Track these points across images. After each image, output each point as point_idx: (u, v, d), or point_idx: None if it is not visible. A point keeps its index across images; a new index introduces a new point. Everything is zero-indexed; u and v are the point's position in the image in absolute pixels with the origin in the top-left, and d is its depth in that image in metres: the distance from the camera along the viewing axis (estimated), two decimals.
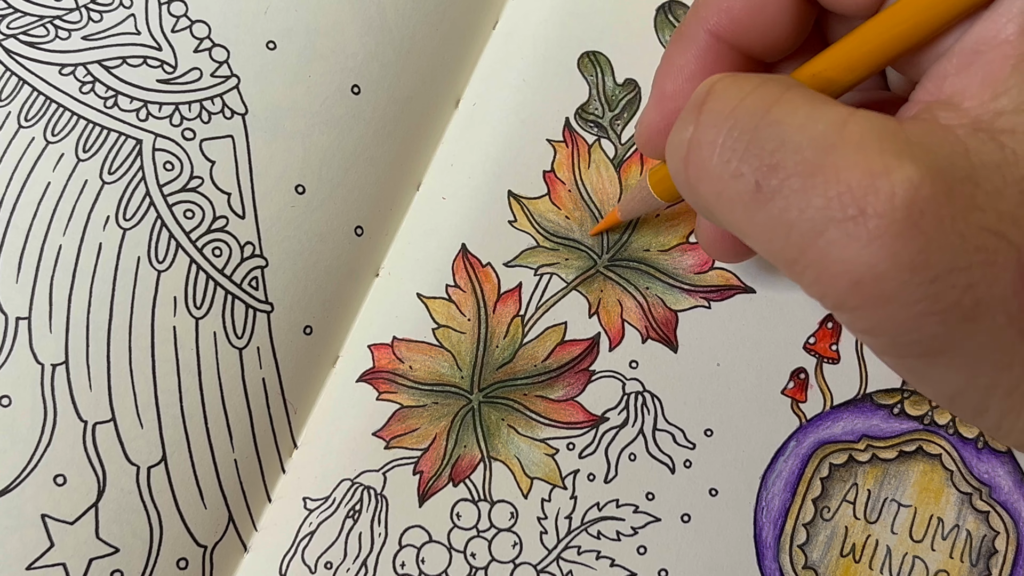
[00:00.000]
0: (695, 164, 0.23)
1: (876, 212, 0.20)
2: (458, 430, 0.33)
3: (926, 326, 0.20)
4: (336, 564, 0.33)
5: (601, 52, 0.35)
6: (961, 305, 0.20)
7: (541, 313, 0.34)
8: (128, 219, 0.32)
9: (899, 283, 0.20)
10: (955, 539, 0.33)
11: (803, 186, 0.20)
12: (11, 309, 0.31)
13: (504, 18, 0.36)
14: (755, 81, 0.23)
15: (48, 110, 0.32)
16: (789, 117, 0.21)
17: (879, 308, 0.20)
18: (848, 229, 0.20)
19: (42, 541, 0.30)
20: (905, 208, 0.19)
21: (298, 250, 0.33)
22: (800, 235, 0.21)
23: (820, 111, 0.21)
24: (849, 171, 0.20)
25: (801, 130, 0.21)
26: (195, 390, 0.32)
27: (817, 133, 0.21)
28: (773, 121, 0.21)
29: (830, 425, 0.34)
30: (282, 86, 0.33)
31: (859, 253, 0.20)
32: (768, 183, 0.21)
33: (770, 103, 0.22)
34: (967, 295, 0.20)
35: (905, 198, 0.19)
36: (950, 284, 0.20)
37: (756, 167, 0.21)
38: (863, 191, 0.20)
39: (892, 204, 0.19)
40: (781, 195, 0.21)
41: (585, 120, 0.35)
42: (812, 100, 0.22)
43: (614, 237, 0.34)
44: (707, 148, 0.22)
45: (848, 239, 0.20)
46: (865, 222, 0.20)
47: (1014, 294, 0.20)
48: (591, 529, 0.33)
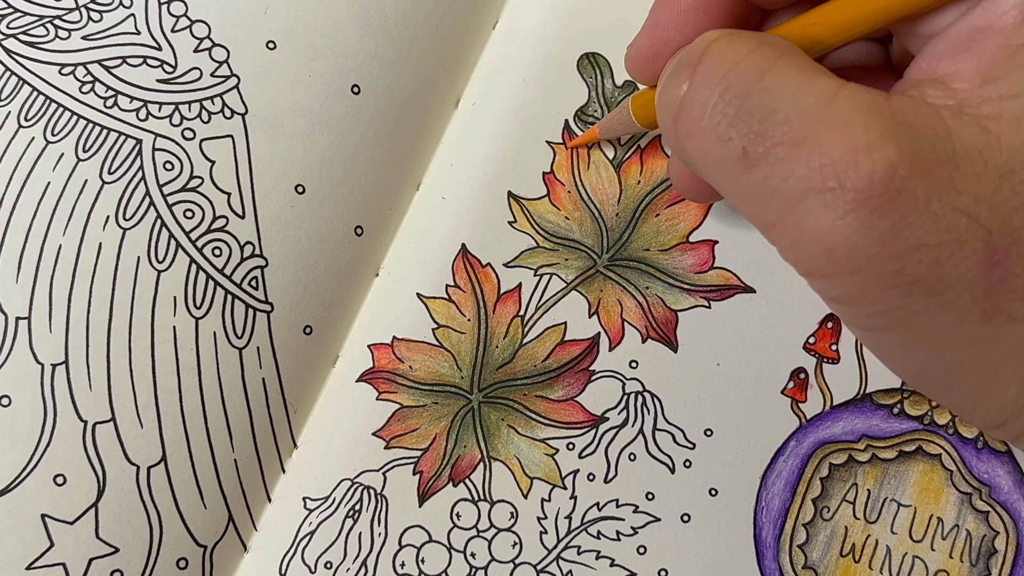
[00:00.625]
0: (685, 122, 0.23)
1: (854, 186, 0.20)
2: (458, 430, 0.33)
3: (892, 297, 0.21)
4: (336, 564, 0.33)
5: (600, 54, 0.35)
6: (926, 280, 0.21)
7: (541, 313, 0.34)
8: (128, 219, 0.32)
9: (869, 255, 0.21)
10: (955, 539, 0.33)
11: (787, 155, 0.21)
12: (11, 309, 0.31)
13: (504, 18, 0.36)
14: (751, 44, 0.23)
15: (48, 110, 0.32)
16: (781, 86, 0.22)
17: (849, 277, 0.21)
18: (826, 200, 0.21)
19: (42, 541, 0.30)
20: (882, 185, 0.20)
21: (298, 250, 0.33)
22: (780, 201, 0.22)
23: (811, 82, 0.22)
24: (833, 144, 0.21)
25: (791, 100, 0.22)
26: (195, 390, 0.32)
27: (806, 105, 0.21)
28: (765, 88, 0.22)
29: (830, 425, 0.34)
30: (282, 86, 0.33)
31: (834, 224, 0.21)
32: (754, 149, 0.22)
33: (763, 69, 0.22)
34: (933, 271, 0.21)
35: (883, 175, 0.20)
36: (917, 259, 0.21)
37: (744, 133, 0.22)
38: (844, 165, 0.21)
39: (870, 180, 0.20)
40: (766, 162, 0.22)
41: (584, 122, 0.35)
42: (804, 70, 0.22)
43: (614, 237, 0.34)
44: (698, 108, 0.23)
45: (825, 209, 0.21)
46: (843, 195, 0.21)
47: (980, 275, 0.21)
48: (591, 529, 0.33)
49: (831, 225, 0.21)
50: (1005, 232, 0.21)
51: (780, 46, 0.23)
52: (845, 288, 0.22)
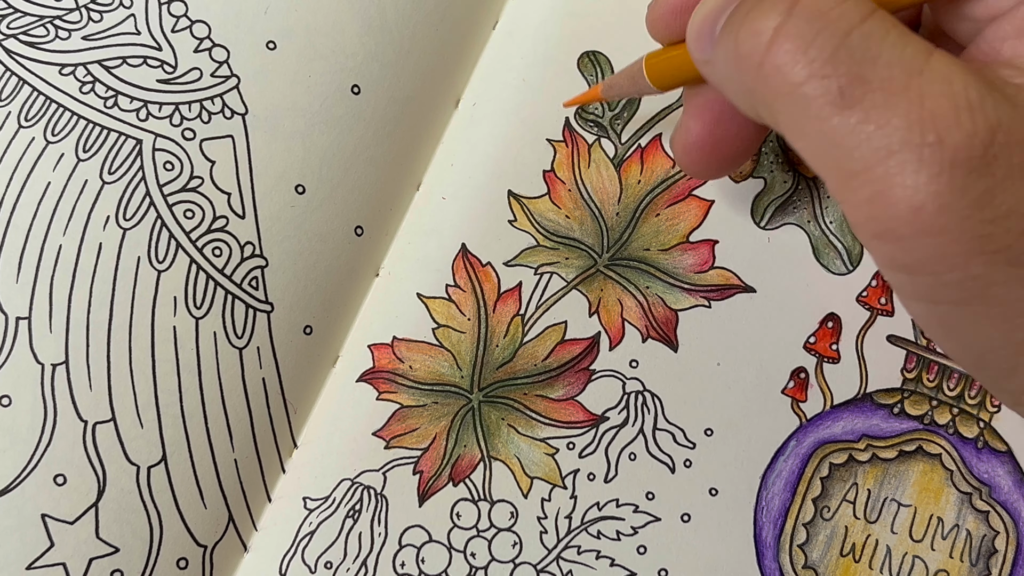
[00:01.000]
0: (778, 54, 0.22)
1: (954, 144, 0.20)
2: (458, 430, 0.33)
3: (973, 265, 0.21)
4: (336, 564, 0.33)
5: (601, 52, 0.35)
6: (1012, 249, 0.20)
7: (541, 312, 0.34)
8: (128, 219, 0.32)
9: (959, 217, 0.20)
10: (955, 539, 0.33)
11: (887, 103, 0.21)
12: (11, 309, 0.31)
13: (504, 18, 0.36)
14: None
15: (48, 110, 0.32)
16: (881, 32, 0.21)
17: (931, 239, 0.21)
18: (923, 154, 0.20)
19: (42, 541, 0.30)
20: (982, 147, 0.20)
21: (298, 250, 0.33)
22: (871, 150, 0.21)
23: (908, 37, 0.21)
24: (935, 99, 0.20)
25: (892, 48, 0.21)
26: (195, 390, 0.32)
27: (907, 55, 0.21)
28: (866, 33, 0.21)
29: (830, 425, 0.34)
30: (282, 86, 0.33)
31: (929, 180, 0.20)
32: (852, 91, 0.21)
33: (864, 15, 0.22)
34: (1020, 240, 0.20)
35: (984, 138, 0.20)
36: (1006, 227, 0.20)
37: (843, 72, 0.21)
38: (946, 122, 0.20)
39: (971, 140, 0.20)
40: (862, 107, 0.21)
41: (585, 120, 0.35)
42: (899, 26, 0.22)
43: (614, 236, 0.34)
44: (797, 41, 0.22)
45: (920, 163, 0.20)
46: (941, 151, 0.20)
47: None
48: (591, 529, 0.33)
49: (925, 181, 0.20)
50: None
51: (869, 3, 0.22)
52: (923, 252, 0.21)
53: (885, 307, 0.34)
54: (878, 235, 0.22)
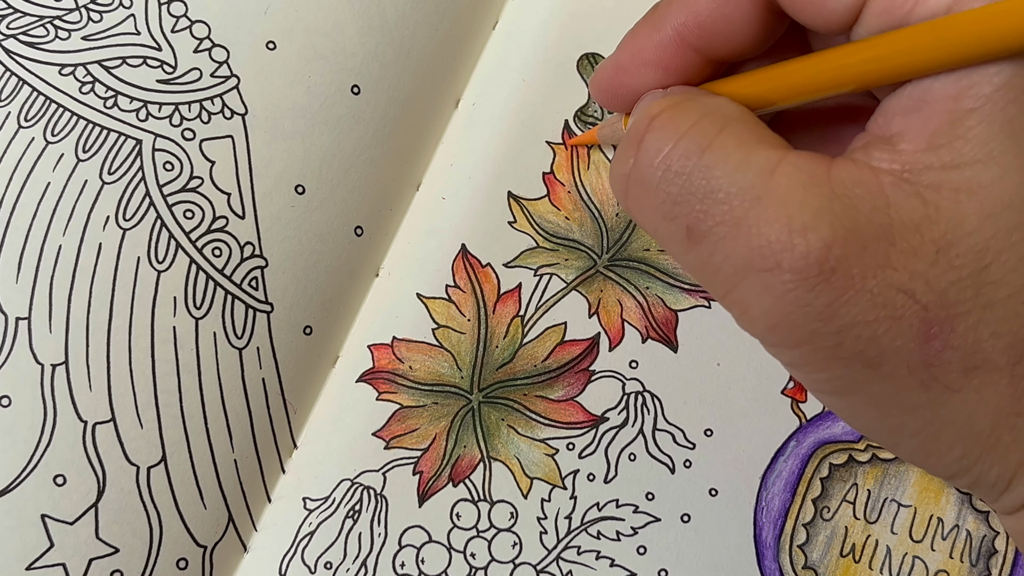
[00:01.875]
0: (634, 199, 0.24)
1: (790, 267, 0.21)
2: (458, 430, 0.33)
3: (834, 367, 0.22)
4: (336, 564, 0.33)
5: (600, 54, 0.35)
6: (865, 354, 0.22)
7: (541, 313, 0.34)
8: (128, 219, 0.32)
9: (808, 331, 0.22)
10: (955, 539, 0.33)
11: (728, 234, 0.22)
12: (11, 309, 0.31)
13: (504, 18, 0.36)
14: (692, 116, 0.23)
15: (48, 110, 0.32)
16: (721, 163, 0.22)
17: (793, 348, 0.22)
18: (765, 279, 0.21)
19: (42, 541, 0.30)
20: (817, 265, 0.21)
21: (298, 250, 0.33)
22: (724, 278, 0.22)
23: (751, 157, 0.22)
24: (769, 225, 0.21)
25: (730, 179, 0.22)
26: (195, 390, 0.32)
27: (745, 183, 0.22)
28: (705, 166, 0.22)
29: (830, 425, 0.34)
30: (282, 86, 0.33)
31: (775, 302, 0.22)
32: (698, 228, 0.22)
33: (703, 146, 0.23)
34: (870, 345, 0.21)
35: (818, 256, 0.21)
36: (855, 335, 0.21)
37: (687, 212, 0.23)
38: (780, 246, 0.21)
39: (806, 261, 0.21)
40: (709, 240, 0.22)
41: (584, 122, 0.35)
42: (745, 143, 0.22)
43: (614, 237, 0.34)
44: (644, 187, 0.24)
45: (765, 288, 0.22)
46: (780, 275, 0.21)
47: (916, 348, 0.21)
48: (591, 529, 0.33)
49: (772, 303, 0.22)
50: (940, 307, 0.21)
51: (724, 115, 0.23)
52: (791, 358, 0.23)
53: None
54: (763, 343, 0.23)
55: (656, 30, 0.26)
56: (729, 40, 0.25)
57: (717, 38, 0.25)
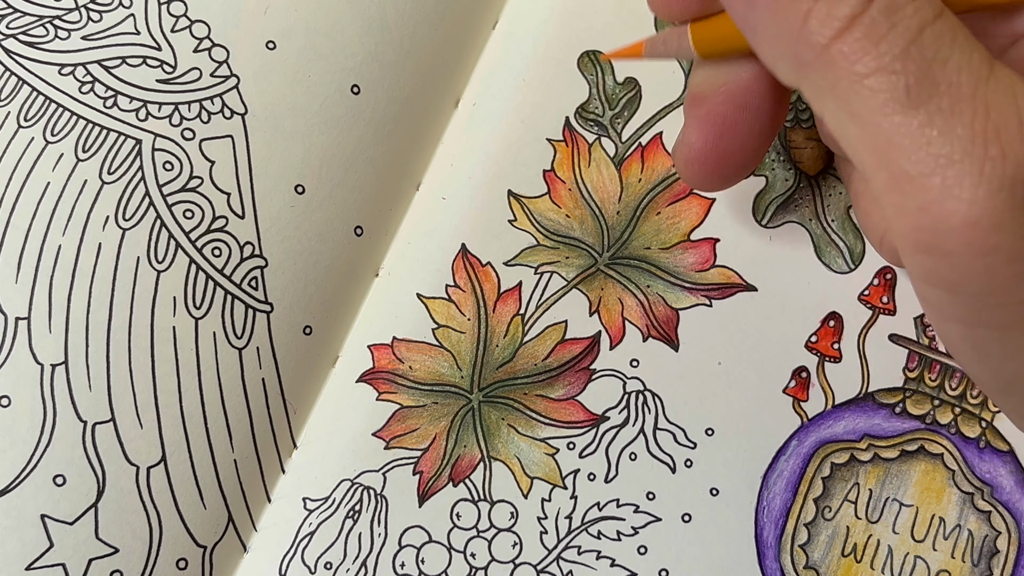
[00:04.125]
0: (849, 41, 0.21)
1: (1018, 160, 0.19)
2: (458, 430, 0.33)
3: (1021, 289, 0.20)
4: (336, 564, 0.32)
5: (601, 52, 0.35)
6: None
7: (541, 312, 0.34)
8: (128, 219, 0.32)
9: (1014, 236, 0.19)
10: (957, 539, 0.33)
11: (952, 108, 0.20)
12: (11, 309, 0.31)
13: (504, 18, 0.36)
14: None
15: (48, 110, 0.32)
16: (951, 34, 0.20)
17: (980, 257, 0.20)
18: (984, 168, 0.19)
19: (42, 541, 0.30)
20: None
21: (298, 250, 0.33)
22: (930, 156, 0.20)
23: (975, 42, 0.21)
24: (1000, 111, 0.20)
25: (961, 52, 0.20)
26: (195, 390, 0.32)
27: (975, 61, 0.20)
28: (938, 33, 0.20)
29: (832, 424, 0.34)
30: (282, 86, 0.33)
31: (988, 194, 0.19)
32: (919, 91, 0.20)
33: (936, 14, 0.21)
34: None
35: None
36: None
37: (913, 71, 0.20)
38: (1010, 135, 0.19)
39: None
40: (927, 109, 0.20)
41: (585, 119, 0.35)
42: (964, 30, 0.21)
43: (615, 235, 0.34)
44: (872, 34, 0.21)
45: (981, 177, 0.19)
46: (1004, 166, 0.19)
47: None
48: (591, 529, 0.33)
49: (983, 195, 0.19)
50: None
51: (939, 5, 0.21)
52: (969, 271, 0.20)
53: (887, 306, 0.34)
54: (923, 247, 0.21)
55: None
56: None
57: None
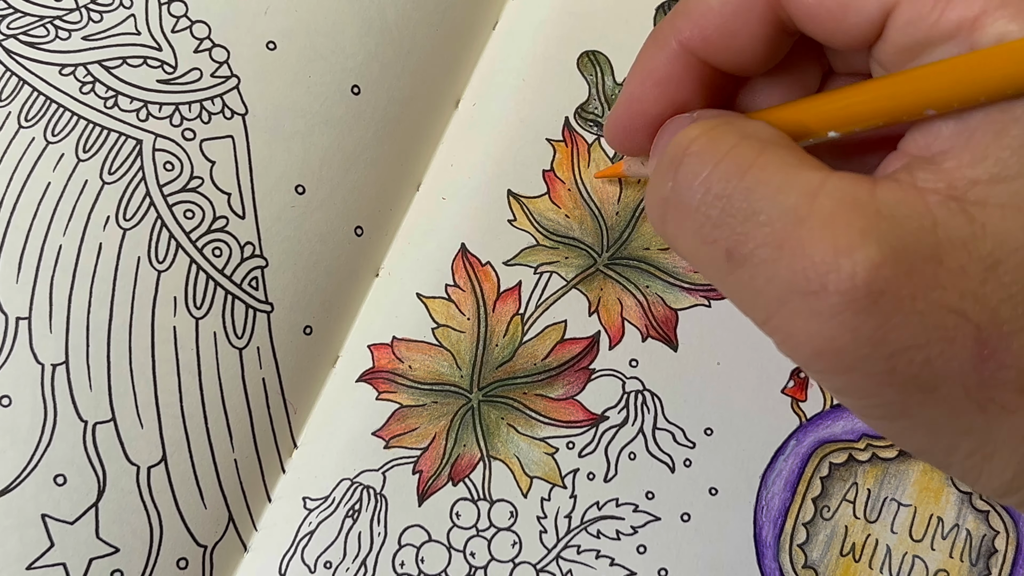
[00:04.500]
0: (672, 224, 0.24)
1: (837, 289, 0.20)
2: (457, 429, 0.33)
3: (886, 393, 0.21)
4: (336, 564, 0.33)
5: (601, 52, 0.35)
6: (919, 378, 0.21)
7: (541, 312, 0.34)
8: (128, 219, 0.32)
9: (858, 356, 0.21)
10: (955, 538, 0.33)
11: (771, 257, 0.21)
12: (11, 309, 0.31)
13: (504, 18, 0.36)
14: (731, 140, 0.23)
15: (48, 110, 0.32)
16: (762, 185, 0.22)
17: (841, 375, 0.21)
18: (811, 303, 0.21)
19: (42, 541, 0.30)
20: (865, 287, 0.20)
21: (298, 250, 0.33)
22: (767, 302, 0.22)
23: (793, 179, 0.21)
24: (814, 246, 0.20)
25: (772, 200, 0.21)
26: (195, 390, 0.32)
27: (788, 204, 0.21)
28: (746, 188, 0.22)
29: (830, 424, 0.34)
30: (282, 86, 0.33)
31: (820, 327, 0.21)
32: (739, 251, 0.22)
33: (744, 168, 0.22)
34: (924, 369, 0.21)
35: (866, 277, 0.20)
36: (908, 359, 0.21)
37: (728, 235, 0.22)
38: (826, 268, 0.20)
39: (853, 283, 0.20)
40: (750, 263, 0.22)
41: (585, 119, 0.35)
42: (786, 164, 0.22)
43: (614, 235, 0.34)
44: (683, 211, 0.23)
45: (810, 312, 0.21)
46: (826, 298, 0.20)
47: (972, 369, 0.21)
48: (591, 528, 0.33)
49: (818, 328, 0.21)
50: (993, 325, 0.21)
51: (763, 137, 0.23)
52: (839, 384, 0.22)
53: None
54: (804, 368, 0.22)
55: (661, 48, 0.26)
56: (736, 56, 0.25)
57: (723, 53, 0.25)
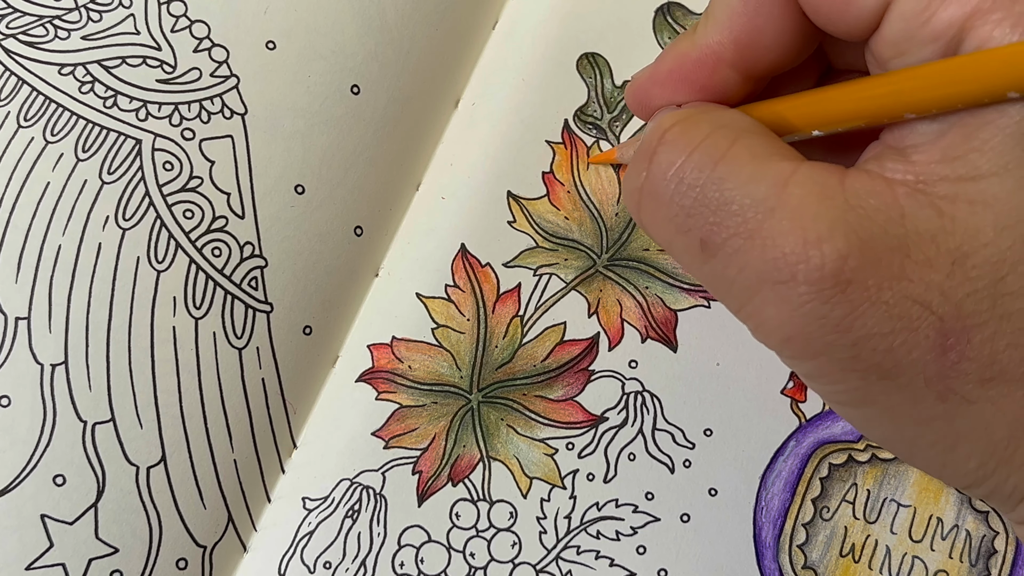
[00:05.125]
0: (647, 213, 0.24)
1: (806, 279, 0.21)
2: (457, 430, 0.33)
3: (850, 379, 0.22)
4: (335, 564, 0.33)
5: (600, 54, 0.35)
6: (881, 366, 0.21)
7: (540, 313, 0.34)
8: (128, 219, 0.32)
9: (824, 343, 0.21)
10: (954, 539, 0.33)
11: (742, 247, 0.22)
12: (11, 309, 0.31)
13: (504, 18, 0.36)
14: (705, 129, 0.23)
15: (48, 110, 0.32)
16: (733, 175, 0.22)
17: (809, 360, 0.22)
18: (780, 292, 0.21)
19: (42, 541, 0.30)
20: (833, 277, 0.21)
21: (298, 250, 0.33)
22: (739, 291, 0.22)
23: (764, 169, 0.22)
24: (784, 237, 0.21)
25: (743, 190, 0.22)
26: (194, 390, 0.32)
27: (759, 195, 0.22)
28: (718, 178, 0.22)
29: (830, 425, 0.34)
30: (282, 86, 0.33)
31: (790, 314, 0.21)
32: (711, 240, 0.22)
33: (717, 158, 0.22)
34: (887, 357, 0.21)
35: (833, 268, 0.21)
36: (871, 347, 0.21)
37: (701, 224, 0.23)
38: (795, 258, 0.21)
39: (821, 273, 0.21)
40: (723, 252, 0.22)
41: (584, 122, 0.35)
42: (758, 155, 0.22)
43: (613, 237, 0.34)
44: (657, 200, 0.24)
45: (780, 300, 0.21)
46: (795, 287, 0.21)
47: (933, 360, 0.21)
48: (590, 529, 0.33)
49: (787, 316, 0.21)
50: (956, 318, 0.21)
51: (737, 127, 0.23)
52: (807, 369, 0.23)
53: None
54: (776, 353, 0.23)
55: (693, 50, 0.26)
56: (764, 54, 0.25)
57: (752, 52, 0.25)
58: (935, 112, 0.21)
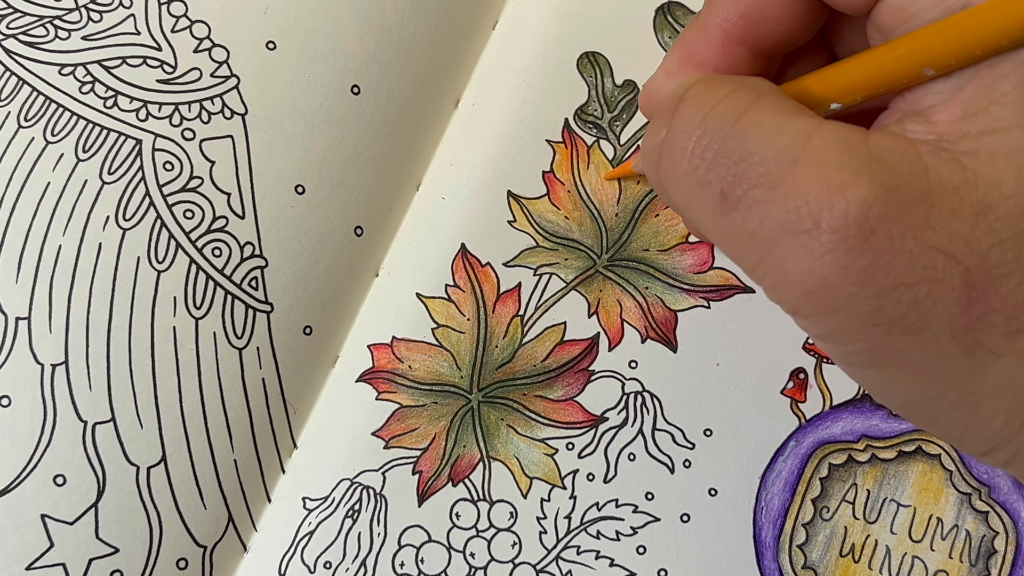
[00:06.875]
0: (666, 168, 0.24)
1: (829, 227, 0.21)
2: (457, 430, 0.33)
3: (872, 336, 0.21)
4: (335, 564, 0.33)
5: (600, 53, 0.35)
6: (905, 319, 0.21)
7: (540, 313, 0.34)
8: (128, 219, 0.32)
9: (847, 295, 0.21)
10: (954, 539, 0.33)
11: (765, 197, 0.21)
12: (11, 309, 0.31)
13: (504, 18, 0.36)
14: (728, 87, 0.23)
15: (48, 110, 0.32)
16: (757, 128, 0.22)
17: (829, 316, 0.22)
18: (803, 241, 0.21)
19: (42, 541, 0.30)
20: (857, 224, 0.20)
21: (298, 250, 0.33)
22: (760, 243, 0.22)
23: (787, 122, 0.22)
24: (808, 185, 0.21)
25: (767, 142, 0.22)
26: (195, 390, 0.32)
27: (782, 146, 0.21)
28: (741, 131, 0.22)
29: (829, 425, 0.34)
30: (282, 86, 0.33)
31: (812, 264, 0.21)
32: (733, 192, 0.22)
33: (740, 112, 0.22)
34: (912, 310, 0.21)
35: (857, 215, 0.20)
36: (895, 299, 0.21)
37: (722, 176, 0.22)
38: (819, 206, 0.21)
39: (845, 220, 0.20)
40: (744, 204, 0.22)
41: (584, 121, 0.35)
42: (781, 110, 0.22)
43: (613, 237, 0.34)
44: (677, 154, 0.23)
45: (803, 250, 0.21)
46: (819, 235, 0.21)
47: (959, 312, 0.21)
48: (590, 529, 0.33)
49: (809, 266, 0.21)
50: (982, 269, 0.21)
51: (759, 88, 0.23)
52: (827, 327, 0.22)
53: None
54: (791, 313, 0.23)
55: (702, 31, 0.26)
56: (773, 28, 0.25)
57: (760, 27, 0.25)
58: (956, 65, 0.21)
